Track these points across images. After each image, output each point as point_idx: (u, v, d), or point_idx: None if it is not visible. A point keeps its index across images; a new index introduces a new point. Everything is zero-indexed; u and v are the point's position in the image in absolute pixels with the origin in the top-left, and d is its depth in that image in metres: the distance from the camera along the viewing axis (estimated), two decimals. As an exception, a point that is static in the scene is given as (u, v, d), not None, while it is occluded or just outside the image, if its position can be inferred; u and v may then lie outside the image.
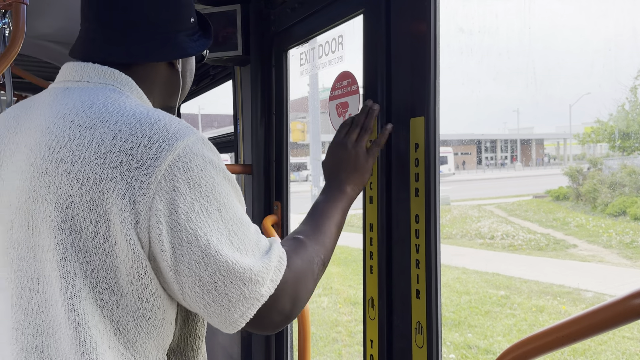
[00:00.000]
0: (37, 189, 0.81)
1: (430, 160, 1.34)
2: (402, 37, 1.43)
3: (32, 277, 0.83)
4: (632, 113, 8.01)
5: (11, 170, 0.86)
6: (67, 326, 0.80)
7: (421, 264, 1.36)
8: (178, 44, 0.98)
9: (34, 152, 0.83)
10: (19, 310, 0.83)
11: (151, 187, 0.79)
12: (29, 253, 0.83)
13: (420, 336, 1.37)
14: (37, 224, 0.81)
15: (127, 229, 0.78)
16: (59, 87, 0.93)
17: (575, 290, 7.16)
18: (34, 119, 0.89)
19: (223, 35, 2.10)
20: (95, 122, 0.82)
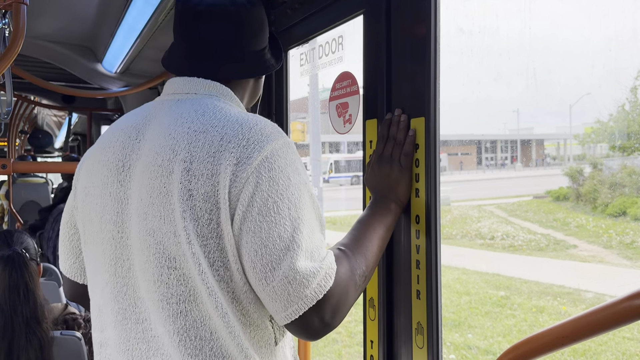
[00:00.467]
0: (166, 185, 0.96)
1: (431, 160, 1.34)
2: (403, 38, 1.43)
3: (170, 257, 0.96)
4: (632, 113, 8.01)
5: (140, 172, 1.01)
6: (206, 295, 0.95)
7: (421, 264, 1.36)
8: (264, 62, 1.15)
9: (160, 156, 0.98)
10: (162, 284, 0.97)
11: (242, 181, 0.94)
12: (163, 238, 0.96)
13: (420, 337, 1.37)
14: (167, 214, 0.95)
15: (228, 217, 0.94)
16: (171, 99, 1.08)
17: (575, 291, 7.16)
18: (155, 127, 1.04)
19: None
20: (207, 127, 0.98)
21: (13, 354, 1.76)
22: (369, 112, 1.54)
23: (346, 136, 1.70)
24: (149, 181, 0.98)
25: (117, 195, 1.03)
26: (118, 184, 1.04)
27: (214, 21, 1.08)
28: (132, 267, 1.01)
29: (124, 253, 1.02)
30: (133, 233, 1.01)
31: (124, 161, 1.04)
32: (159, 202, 0.97)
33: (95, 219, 1.06)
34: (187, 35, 1.12)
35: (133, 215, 1.01)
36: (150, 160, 0.99)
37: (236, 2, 1.09)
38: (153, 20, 2.34)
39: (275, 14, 2.07)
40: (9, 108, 2.69)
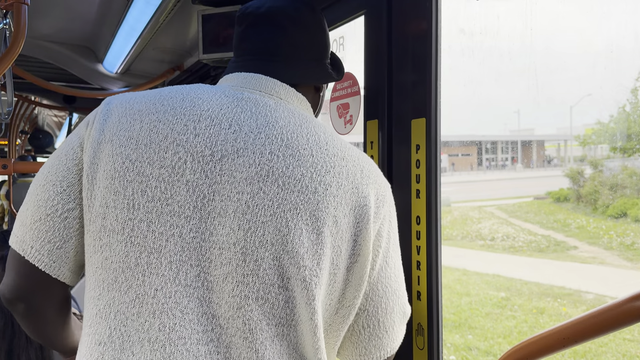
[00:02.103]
0: (305, 203, 0.87)
1: (432, 161, 1.34)
2: (404, 39, 1.43)
3: (284, 275, 0.86)
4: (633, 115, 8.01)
5: (250, 172, 0.88)
6: (308, 321, 0.88)
7: (422, 265, 1.36)
8: (328, 70, 1.11)
9: (296, 169, 0.89)
10: (265, 302, 0.86)
11: (380, 219, 0.95)
12: (282, 254, 0.86)
13: (421, 338, 1.37)
14: (299, 232, 0.86)
15: (368, 250, 0.92)
16: (258, 96, 0.97)
17: (576, 292, 7.16)
18: (261, 125, 0.92)
19: (224, 37, 2.10)
20: (344, 154, 0.94)
21: (13, 353, 1.76)
22: (370, 113, 1.54)
23: (347, 137, 1.70)
24: (278, 190, 0.87)
25: (199, 187, 0.86)
26: (202, 173, 0.86)
27: (281, 24, 1.03)
28: (205, 275, 0.85)
29: (193, 257, 0.85)
30: (224, 238, 0.86)
31: (213, 149, 0.88)
32: (289, 217, 0.86)
33: (144, 205, 0.85)
34: (253, 35, 1.05)
35: (227, 218, 0.86)
36: (279, 168, 0.88)
37: (297, 7, 1.06)
38: (154, 21, 2.35)
39: (276, 14, 2.07)
40: (9, 108, 2.69)
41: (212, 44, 2.12)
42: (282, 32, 1.03)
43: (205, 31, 2.11)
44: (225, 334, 0.85)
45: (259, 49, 1.03)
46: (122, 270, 0.85)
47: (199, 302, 0.85)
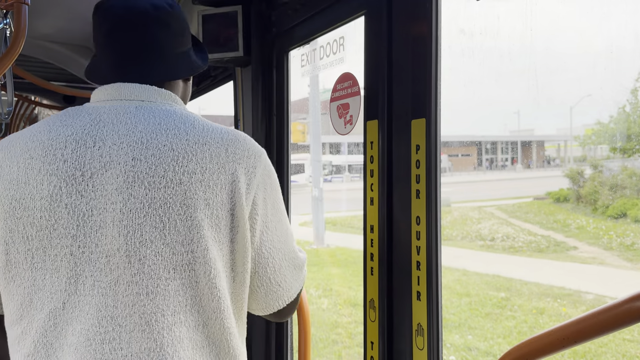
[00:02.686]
0: (173, 196, 0.97)
1: (432, 162, 1.34)
2: (404, 39, 1.43)
3: (170, 267, 0.97)
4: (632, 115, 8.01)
5: (119, 182, 0.97)
6: (210, 298, 0.99)
7: (422, 265, 1.36)
8: (191, 62, 1.16)
9: (160, 167, 0.98)
10: (157, 295, 0.97)
11: (254, 188, 1.04)
12: (164, 248, 0.97)
13: (420, 338, 1.37)
14: (175, 224, 0.97)
15: (245, 220, 1.02)
16: (125, 105, 1.05)
17: (575, 293, 7.16)
18: (123, 135, 1.00)
19: (224, 37, 2.10)
20: (206, 140, 1.02)
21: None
22: (370, 113, 1.54)
23: (347, 137, 1.70)
24: (146, 191, 0.96)
25: (77, 207, 0.96)
26: (77, 194, 0.96)
27: (139, 26, 1.08)
28: (98, 283, 0.96)
29: (86, 270, 0.96)
30: (106, 247, 0.96)
31: (83, 170, 0.97)
32: (161, 212, 0.96)
33: (36, 234, 0.96)
34: (113, 42, 1.09)
35: (107, 228, 0.96)
36: (142, 170, 0.97)
37: (157, 6, 1.09)
38: (154, 21, 2.35)
39: (276, 15, 2.07)
40: (9, 108, 2.69)
41: (212, 44, 2.12)
42: (142, 33, 1.08)
43: (206, 31, 2.11)
44: (124, 331, 0.95)
45: (121, 54, 1.09)
46: (34, 292, 0.97)
47: (97, 307, 0.95)
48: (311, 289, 8.25)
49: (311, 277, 8.95)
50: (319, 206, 10.73)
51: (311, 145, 10.56)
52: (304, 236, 11.71)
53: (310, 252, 10.87)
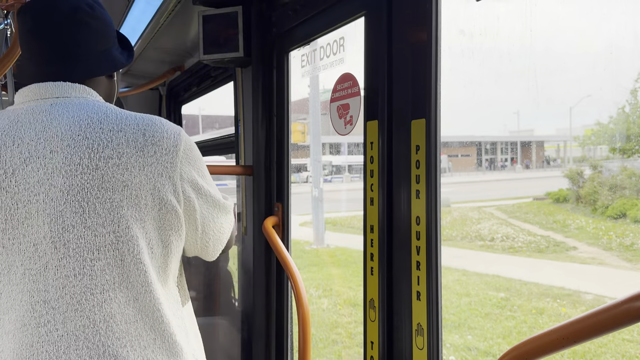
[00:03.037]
0: (90, 181, 1.03)
1: (431, 162, 1.34)
2: (404, 40, 1.43)
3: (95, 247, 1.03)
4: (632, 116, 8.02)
5: (39, 174, 1.03)
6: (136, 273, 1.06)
7: (422, 265, 1.36)
8: (112, 60, 1.22)
9: (76, 155, 1.03)
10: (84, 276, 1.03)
11: (177, 164, 1.11)
12: (86, 231, 1.03)
13: (420, 338, 1.37)
14: (94, 207, 1.03)
15: (169, 196, 1.09)
16: (41, 104, 1.11)
17: (575, 293, 7.16)
18: (40, 131, 1.06)
19: (224, 37, 2.10)
20: (121, 126, 1.08)
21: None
22: (370, 114, 1.55)
23: (347, 137, 1.71)
24: (64, 180, 1.03)
25: (4, 203, 1.03)
26: (3, 191, 1.03)
27: (58, 27, 1.14)
28: (28, 270, 1.02)
29: (17, 260, 1.03)
30: (33, 236, 1.02)
31: (5, 168, 1.04)
32: (80, 198, 1.03)
33: None
34: (34, 42, 1.16)
35: (32, 219, 1.02)
36: (59, 161, 1.03)
37: (76, 7, 1.15)
38: (155, 21, 2.35)
39: (276, 15, 2.07)
40: (10, 108, 2.69)
41: (213, 45, 2.12)
42: (61, 34, 1.14)
43: (206, 32, 2.12)
44: (57, 313, 1.02)
45: (45, 54, 1.15)
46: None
47: (29, 294, 1.02)
48: (311, 289, 8.25)
49: (311, 277, 8.95)
50: (319, 206, 10.73)
51: (311, 145, 10.56)
52: (304, 236, 11.71)
53: (310, 252, 10.87)
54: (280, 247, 1.91)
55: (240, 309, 2.40)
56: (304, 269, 9.40)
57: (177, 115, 3.57)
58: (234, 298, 2.84)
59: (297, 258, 10.07)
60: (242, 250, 2.38)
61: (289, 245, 2.15)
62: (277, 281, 2.17)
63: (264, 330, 2.20)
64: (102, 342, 1.03)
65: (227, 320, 2.62)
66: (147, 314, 1.08)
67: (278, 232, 2.11)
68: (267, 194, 2.17)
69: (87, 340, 1.02)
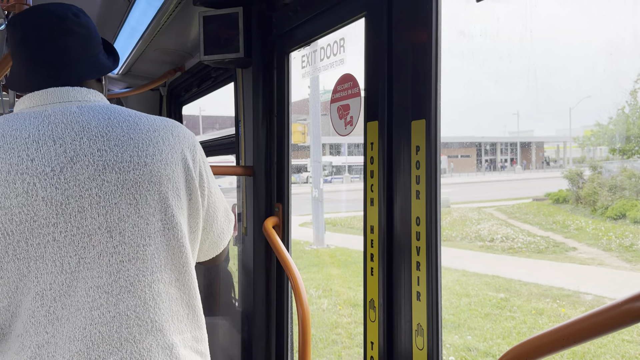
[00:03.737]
0: (142, 175, 1.15)
1: (431, 162, 1.35)
2: (404, 41, 1.44)
3: (145, 235, 1.14)
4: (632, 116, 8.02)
5: (89, 171, 1.11)
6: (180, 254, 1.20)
7: (422, 266, 1.36)
8: (102, 63, 1.31)
9: (124, 153, 1.14)
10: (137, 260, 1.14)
11: (197, 164, 1.27)
12: (139, 220, 1.14)
13: (420, 338, 1.37)
14: (146, 199, 1.14)
15: (196, 188, 1.24)
16: (69, 106, 1.18)
17: (574, 293, 7.16)
18: (79, 131, 1.14)
19: (225, 38, 2.11)
20: (154, 127, 1.22)
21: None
22: (371, 114, 1.55)
23: (347, 138, 1.71)
24: (117, 175, 1.13)
25: (54, 198, 1.09)
26: (52, 187, 1.09)
27: (47, 36, 1.22)
28: (83, 259, 1.10)
29: (70, 250, 1.09)
30: (87, 227, 1.10)
31: (52, 166, 1.10)
32: (134, 190, 1.14)
33: (16, 229, 1.06)
34: (25, 52, 1.23)
35: (86, 211, 1.10)
36: (110, 159, 1.13)
37: (62, 16, 1.23)
38: (155, 22, 2.35)
39: (277, 16, 2.08)
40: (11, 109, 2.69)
41: (213, 45, 2.13)
42: (56, 42, 1.22)
43: (207, 32, 2.12)
44: (110, 296, 1.10)
45: (40, 63, 1.22)
46: (19, 280, 1.07)
47: (84, 281, 1.09)
48: (311, 289, 8.26)
49: (311, 277, 8.95)
50: (318, 207, 10.73)
51: (311, 146, 10.56)
52: (304, 237, 11.71)
53: (310, 252, 10.87)
54: (280, 248, 1.92)
55: (240, 309, 2.40)
56: (304, 269, 9.40)
57: (177, 115, 3.58)
58: (234, 298, 2.85)
59: (297, 258, 10.07)
60: (242, 250, 2.38)
61: (289, 246, 2.15)
62: (277, 281, 2.18)
63: (264, 330, 2.21)
64: (151, 318, 1.13)
65: (228, 320, 2.62)
66: (185, 291, 1.20)
67: (278, 232, 2.11)
68: (268, 195, 2.18)
69: (137, 317, 1.12)
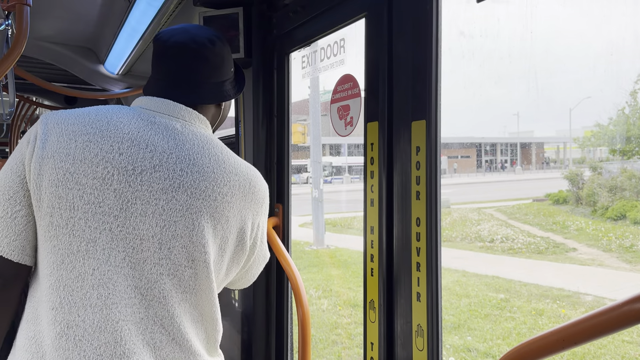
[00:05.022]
0: (208, 207, 1.19)
1: (432, 163, 1.35)
2: (404, 41, 1.44)
3: (189, 259, 1.18)
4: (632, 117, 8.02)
5: (165, 184, 1.17)
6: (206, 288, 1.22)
7: (422, 266, 1.36)
8: (222, 92, 1.36)
9: (202, 182, 1.19)
10: (174, 277, 1.18)
11: (257, 220, 1.31)
12: (187, 243, 1.17)
13: (420, 339, 1.37)
14: (201, 229, 1.18)
15: (247, 238, 1.29)
16: (174, 121, 1.25)
17: (574, 294, 7.17)
18: (172, 147, 1.20)
19: (225, 38, 2.10)
20: (237, 170, 1.26)
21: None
22: (371, 115, 1.55)
23: (347, 138, 1.72)
24: (187, 198, 1.18)
25: (124, 194, 1.15)
26: (126, 183, 1.15)
27: (181, 57, 1.29)
28: (129, 258, 1.15)
29: (120, 245, 1.14)
30: (142, 232, 1.15)
31: (135, 165, 1.16)
32: (195, 218, 1.18)
33: (82, 207, 1.13)
34: (160, 68, 1.32)
35: (147, 217, 1.16)
36: (187, 182, 1.19)
37: (199, 42, 1.30)
38: (155, 22, 2.35)
39: (277, 17, 2.08)
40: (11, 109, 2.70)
41: (214, 46, 2.12)
42: (185, 63, 1.29)
43: (207, 33, 2.12)
44: (144, 300, 1.15)
45: (167, 77, 1.30)
46: (67, 255, 1.12)
47: (124, 277, 1.14)
48: (311, 290, 8.26)
49: (311, 277, 8.95)
50: (318, 207, 10.73)
51: (311, 146, 10.57)
52: (304, 237, 11.71)
53: (310, 253, 10.87)
54: (280, 248, 1.92)
55: (240, 310, 2.40)
56: (303, 269, 9.40)
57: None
58: (234, 299, 2.85)
59: (297, 259, 10.07)
60: (242, 251, 2.38)
61: (289, 246, 2.15)
62: (277, 282, 2.18)
63: (264, 331, 2.21)
64: (174, 331, 1.18)
65: (227, 321, 2.62)
66: (205, 316, 1.24)
67: (278, 233, 2.11)
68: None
69: (162, 327, 1.17)
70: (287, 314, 2.16)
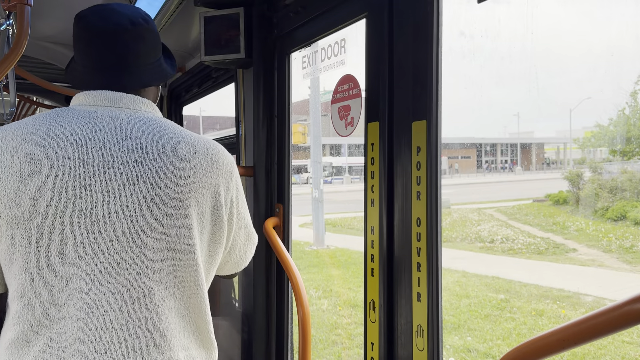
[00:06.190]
0: (172, 193, 1.15)
1: (432, 163, 1.35)
2: (405, 41, 1.44)
3: (167, 250, 1.15)
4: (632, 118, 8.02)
5: (122, 179, 1.12)
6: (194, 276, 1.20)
7: (422, 267, 1.36)
8: (164, 69, 1.32)
9: (159, 169, 1.15)
10: (154, 274, 1.15)
11: (231, 190, 1.28)
12: (160, 235, 1.14)
13: (420, 339, 1.37)
14: (171, 216, 1.15)
15: (223, 214, 1.25)
16: (117, 112, 1.19)
17: (574, 295, 7.16)
18: (120, 139, 1.15)
19: (226, 38, 2.11)
20: (195, 149, 1.21)
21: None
22: (371, 115, 1.55)
23: (347, 139, 1.72)
24: (148, 189, 1.14)
25: (81, 199, 1.10)
26: (81, 187, 1.10)
27: (117, 39, 1.21)
28: (101, 264, 1.11)
29: (89, 252, 1.10)
30: (110, 233, 1.11)
31: (86, 167, 1.11)
32: (161, 207, 1.14)
33: (42, 221, 1.09)
34: (92, 52, 1.22)
35: (111, 218, 1.11)
36: (144, 172, 1.14)
37: (134, 22, 1.22)
38: (156, 22, 2.35)
39: (278, 17, 2.08)
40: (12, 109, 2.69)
41: (214, 46, 2.13)
42: (122, 46, 1.21)
43: (207, 33, 2.12)
44: (125, 304, 1.11)
45: (101, 64, 1.22)
46: (36, 273, 1.09)
47: (99, 285, 1.10)
48: (311, 290, 8.26)
49: (311, 278, 8.95)
50: (319, 207, 10.73)
51: (311, 146, 10.57)
52: (304, 237, 11.71)
53: (310, 253, 10.87)
54: (280, 248, 1.92)
55: (240, 310, 2.40)
56: (304, 269, 9.40)
57: (178, 116, 3.58)
58: (235, 299, 2.85)
59: (297, 259, 10.07)
60: (242, 251, 2.38)
61: (290, 246, 2.15)
62: (278, 282, 2.18)
63: (264, 331, 2.21)
64: (160, 331, 1.14)
65: (228, 320, 2.62)
66: (195, 311, 1.21)
67: (278, 233, 2.11)
68: (268, 195, 2.18)
69: (147, 329, 1.13)
70: (288, 314, 2.16)
